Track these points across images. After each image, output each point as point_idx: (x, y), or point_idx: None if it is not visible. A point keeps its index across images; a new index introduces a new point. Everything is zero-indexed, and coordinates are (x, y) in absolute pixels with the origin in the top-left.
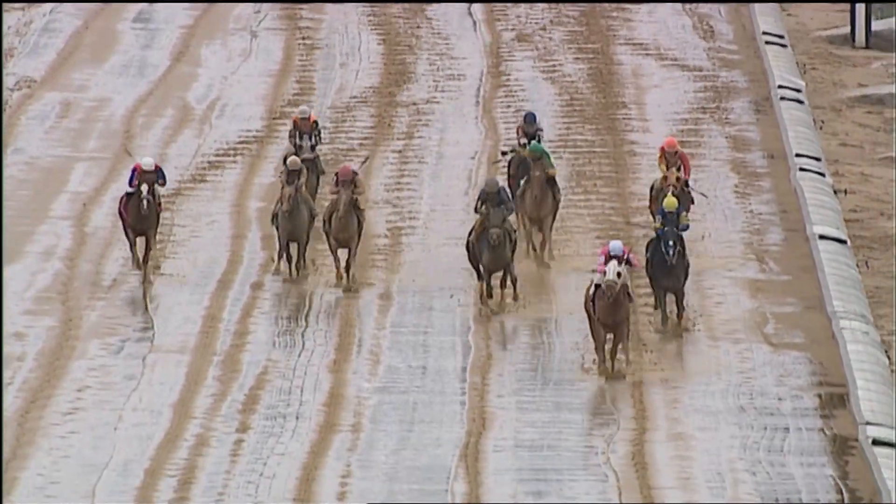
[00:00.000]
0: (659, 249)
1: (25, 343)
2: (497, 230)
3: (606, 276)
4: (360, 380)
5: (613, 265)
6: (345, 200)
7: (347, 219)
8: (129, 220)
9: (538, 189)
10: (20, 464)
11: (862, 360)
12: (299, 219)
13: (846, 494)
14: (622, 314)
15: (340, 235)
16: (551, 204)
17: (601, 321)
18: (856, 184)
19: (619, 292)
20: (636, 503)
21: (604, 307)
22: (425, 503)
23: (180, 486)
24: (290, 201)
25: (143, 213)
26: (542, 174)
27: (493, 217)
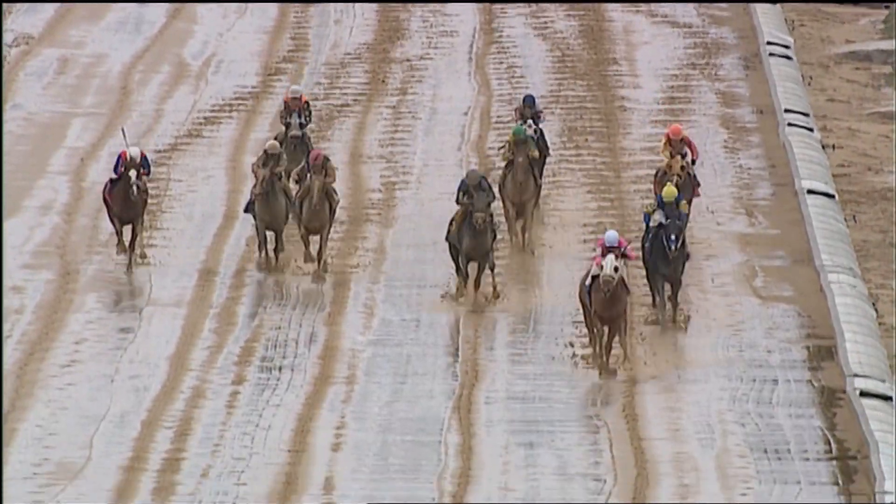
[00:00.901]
0: (658, 239)
1: (24, 296)
2: (482, 213)
3: (604, 271)
4: (354, 333)
5: (611, 259)
6: (318, 187)
7: (320, 206)
8: (114, 207)
9: (522, 174)
10: (19, 415)
11: (850, 312)
12: (277, 206)
13: (834, 445)
14: (619, 307)
15: (312, 224)
16: (533, 189)
17: (598, 314)
18: (844, 139)
19: (616, 286)
20: (627, 454)
21: (600, 300)
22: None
23: (177, 438)
24: (263, 183)
25: (131, 198)
26: (526, 160)
27: (477, 202)
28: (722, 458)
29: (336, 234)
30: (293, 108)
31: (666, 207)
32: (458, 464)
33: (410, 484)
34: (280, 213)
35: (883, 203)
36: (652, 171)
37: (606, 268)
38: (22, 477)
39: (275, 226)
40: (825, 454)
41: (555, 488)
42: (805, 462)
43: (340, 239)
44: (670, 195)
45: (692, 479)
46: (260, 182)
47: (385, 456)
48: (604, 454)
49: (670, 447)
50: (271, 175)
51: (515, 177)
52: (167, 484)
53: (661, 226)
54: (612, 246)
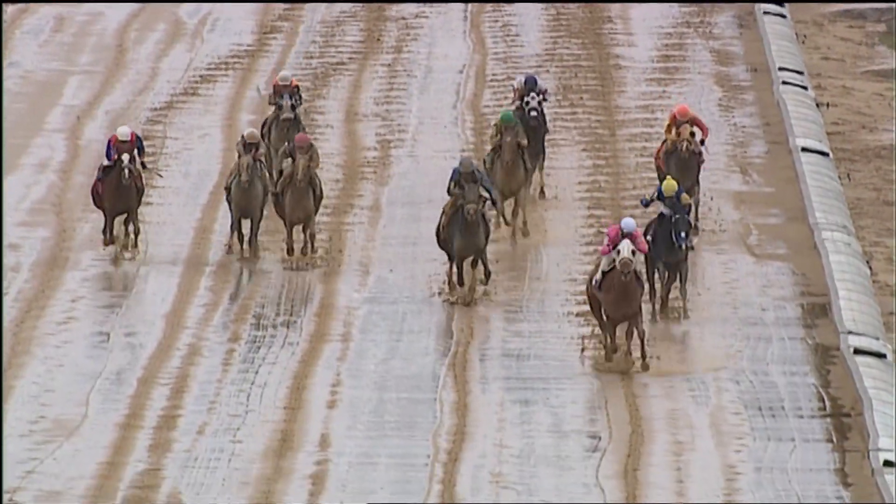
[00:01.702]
0: (665, 231)
1: (20, 254)
2: (473, 205)
3: (621, 254)
4: (349, 290)
5: (627, 244)
6: (303, 165)
7: (304, 192)
8: (106, 196)
9: (510, 155)
10: (15, 372)
11: (844, 270)
12: (254, 192)
13: (828, 402)
14: (634, 306)
15: (296, 214)
16: (523, 174)
17: (610, 314)
18: (838, 97)
19: (631, 278)
20: (621, 411)
21: (614, 297)
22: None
23: (173, 395)
24: (248, 171)
25: (123, 182)
26: (514, 139)
27: (468, 193)
28: (716, 415)
29: (332, 192)
30: (283, 92)
31: (667, 200)
32: (453, 421)
33: (406, 441)
34: (257, 199)
35: (877, 161)
36: (646, 130)
37: (624, 251)
38: (18, 434)
39: (251, 212)
40: (819, 411)
41: (550, 445)
42: (799, 419)
43: (336, 197)
44: (670, 189)
45: (686, 437)
46: (245, 169)
47: (381, 413)
48: (598, 411)
49: (665, 404)
50: (254, 163)
51: (503, 157)
52: (163, 441)
53: (666, 217)
54: (629, 234)
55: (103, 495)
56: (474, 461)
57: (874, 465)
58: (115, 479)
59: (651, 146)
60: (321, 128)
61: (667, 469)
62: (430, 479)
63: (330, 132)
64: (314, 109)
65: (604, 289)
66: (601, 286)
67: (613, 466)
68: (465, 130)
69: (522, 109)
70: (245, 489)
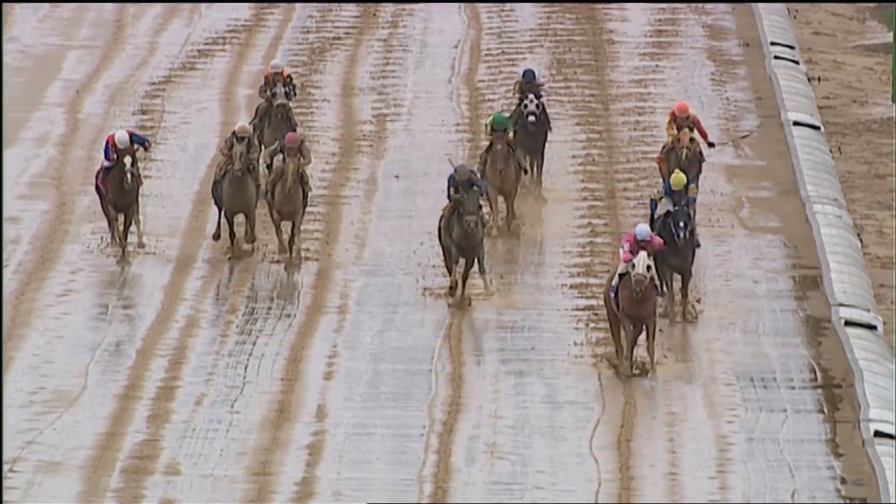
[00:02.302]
0: (667, 228)
1: (20, 226)
2: (473, 216)
3: (635, 269)
4: (346, 262)
5: (643, 257)
6: (292, 170)
7: (294, 190)
8: (108, 196)
9: (502, 163)
10: (15, 344)
11: (835, 243)
12: (247, 190)
13: (819, 374)
14: (649, 307)
15: (285, 209)
16: (514, 176)
17: (626, 313)
18: (829, 71)
19: (647, 290)
20: (614, 383)
21: (629, 297)
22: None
23: (171, 366)
24: (241, 159)
25: (126, 187)
26: (504, 147)
27: (467, 203)
28: (709, 386)
29: (327, 166)
30: (275, 81)
31: (674, 195)
32: (448, 392)
33: (401, 412)
34: (249, 195)
35: (868, 135)
36: (640, 104)
37: (639, 266)
38: (18, 405)
39: (244, 209)
40: (810, 382)
41: (544, 416)
42: (791, 390)
43: (332, 170)
44: (678, 182)
45: (679, 407)
46: (238, 158)
47: (376, 384)
48: (591, 382)
49: (657, 375)
50: (247, 154)
51: (495, 165)
52: (162, 411)
53: (669, 213)
54: (644, 240)
55: (102, 465)
56: (469, 431)
57: (865, 436)
58: (114, 449)
59: (644, 120)
60: (318, 102)
61: (659, 440)
62: (426, 449)
63: (326, 106)
64: (311, 84)
65: (620, 288)
66: (618, 288)
67: (606, 437)
68: (459, 104)
69: (521, 110)
70: (242, 459)
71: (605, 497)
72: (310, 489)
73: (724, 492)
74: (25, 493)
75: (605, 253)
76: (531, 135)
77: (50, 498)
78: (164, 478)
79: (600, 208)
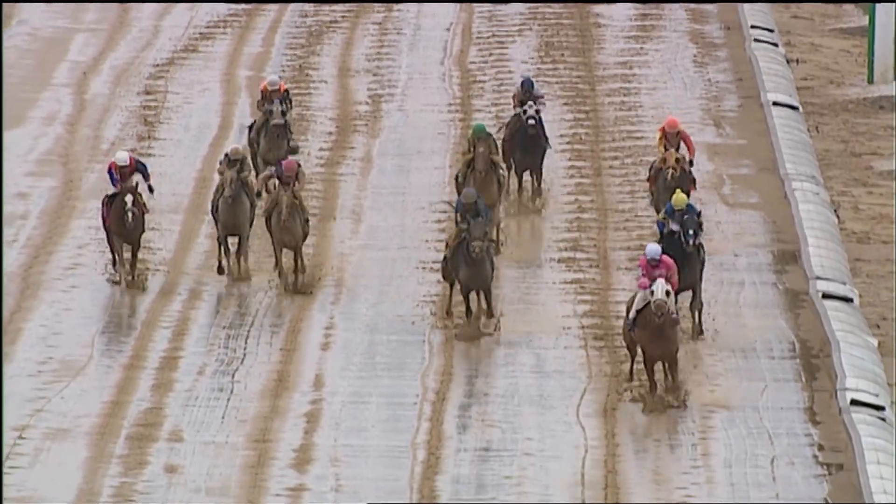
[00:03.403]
0: (674, 242)
1: (28, 202)
2: (479, 242)
3: (655, 295)
4: (342, 237)
5: (661, 283)
6: (286, 203)
7: (290, 221)
8: (112, 227)
9: (482, 165)
10: (24, 315)
11: (812, 219)
12: (240, 208)
13: (797, 344)
14: (671, 344)
15: (284, 238)
16: (496, 189)
17: (647, 352)
18: (807, 53)
19: (667, 317)
20: (601, 354)
21: (650, 335)
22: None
23: (174, 337)
24: (232, 185)
25: (127, 226)
26: (486, 150)
27: (474, 229)
28: (692, 356)
29: (325, 144)
30: (272, 97)
31: (676, 214)
32: (441, 362)
33: (396, 381)
34: (244, 216)
35: (844, 114)
36: (625, 85)
37: (658, 292)
38: (27, 374)
39: (238, 231)
40: (789, 353)
41: (532, 385)
42: (770, 360)
43: (329, 149)
44: (680, 202)
45: (662, 377)
46: (230, 184)
47: (372, 354)
48: (578, 353)
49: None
50: (238, 178)
51: (477, 168)
52: (165, 381)
53: (675, 234)
54: (655, 259)
55: (108, 432)
56: (460, 400)
57: (841, 404)
58: (119, 417)
59: (629, 100)
60: (315, 83)
61: (644, 406)
62: (419, 417)
63: (323, 87)
64: (308, 66)
65: (639, 325)
66: (635, 324)
67: (593, 406)
68: (452, 85)
69: (520, 116)
70: (243, 427)
71: (591, 463)
72: (308, 455)
73: (706, 458)
74: (34, 459)
75: (592, 228)
76: (527, 147)
77: (58, 463)
78: (168, 444)
79: (587, 185)
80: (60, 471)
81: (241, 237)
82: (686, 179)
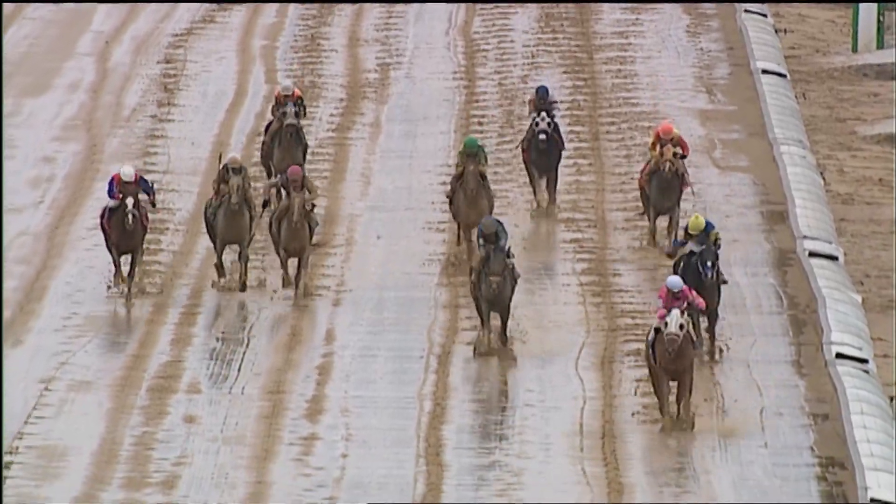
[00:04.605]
0: (692, 267)
1: (54, 166)
2: (497, 278)
3: (668, 328)
4: (352, 199)
5: (676, 315)
6: (298, 204)
7: (301, 225)
8: (111, 238)
9: (473, 183)
10: (49, 273)
11: (799, 181)
12: (243, 219)
13: (785, 300)
14: (686, 362)
15: (291, 245)
16: (485, 205)
17: (663, 368)
18: (794, 24)
19: (682, 341)
20: (599, 308)
21: (665, 353)
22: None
23: (192, 294)
24: (238, 192)
25: (127, 228)
26: (476, 168)
27: (493, 263)
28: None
29: (336, 110)
30: (285, 103)
31: (696, 238)
32: (446, 317)
33: (403, 336)
34: (246, 229)
35: (830, 82)
36: (621, 53)
37: (671, 325)
38: (53, 329)
39: (238, 240)
40: (777, 308)
41: (533, 339)
42: (760, 315)
43: (340, 115)
44: (696, 227)
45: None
46: (234, 191)
47: (380, 310)
48: (577, 309)
49: (638, 299)
50: (244, 185)
51: (466, 185)
52: (184, 336)
53: (694, 253)
54: (677, 291)
55: (130, 384)
56: (465, 354)
57: (827, 357)
58: (140, 370)
59: (625, 69)
60: (326, 52)
61: (639, 360)
62: (426, 369)
63: (334, 56)
64: (320, 35)
65: (656, 342)
66: (654, 342)
67: (591, 359)
68: (456, 54)
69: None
70: (258, 379)
71: (589, 413)
72: (319, 406)
73: (698, 408)
74: (59, 410)
75: (590, 190)
76: (543, 153)
77: (82, 414)
78: (186, 396)
79: (585, 149)
80: (84, 421)
81: (242, 246)
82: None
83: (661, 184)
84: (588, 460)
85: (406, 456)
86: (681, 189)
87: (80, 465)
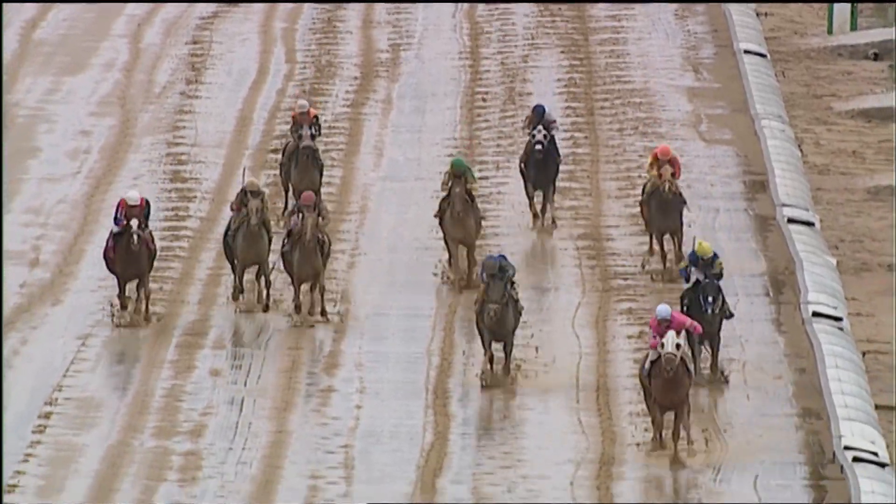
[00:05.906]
0: (696, 299)
1: (90, 139)
2: (496, 306)
3: (665, 349)
4: (366, 169)
5: (672, 336)
6: (311, 223)
7: (312, 251)
8: (116, 263)
9: (460, 205)
10: (87, 238)
11: (779, 153)
12: (261, 240)
13: (766, 263)
14: (682, 392)
15: (304, 270)
16: (474, 226)
17: (658, 401)
18: (774, 7)
19: (678, 367)
20: (594, 275)
21: (661, 385)
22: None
23: (218, 257)
24: (258, 214)
25: (132, 249)
26: (463, 190)
27: (492, 291)
28: (671, 274)
29: (350, 87)
30: (301, 122)
31: (701, 263)
32: (454, 278)
33: (414, 296)
34: (263, 246)
35: (807, 61)
36: (614, 35)
37: (668, 345)
38: (89, 290)
39: (259, 261)
40: (758, 271)
41: (533, 299)
42: (742, 277)
43: (354, 91)
44: (705, 252)
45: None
46: (255, 212)
47: (392, 272)
48: (573, 271)
49: (630, 262)
50: (264, 206)
51: (454, 208)
52: (210, 295)
53: (698, 283)
54: (665, 319)
55: (160, 339)
56: (469, 313)
57: (804, 316)
58: (170, 326)
59: (618, 49)
60: (342, 34)
61: (631, 318)
62: (434, 327)
63: (349, 37)
64: (336, 18)
65: (652, 375)
66: (650, 373)
67: (586, 318)
68: (462, 36)
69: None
70: (279, 335)
71: (585, 367)
72: (335, 360)
73: None
74: (95, 364)
75: (586, 161)
76: (540, 169)
77: (116, 363)
78: (212, 351)
79: (581, 123)
80: (118, 373)
81: (263, 266)
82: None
83: (660, 205)
84: (584, 411)
85: (415, 407)
86: (681, 211)
87: (114, 415)
